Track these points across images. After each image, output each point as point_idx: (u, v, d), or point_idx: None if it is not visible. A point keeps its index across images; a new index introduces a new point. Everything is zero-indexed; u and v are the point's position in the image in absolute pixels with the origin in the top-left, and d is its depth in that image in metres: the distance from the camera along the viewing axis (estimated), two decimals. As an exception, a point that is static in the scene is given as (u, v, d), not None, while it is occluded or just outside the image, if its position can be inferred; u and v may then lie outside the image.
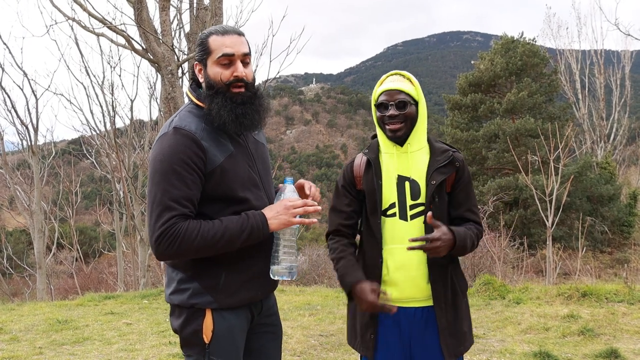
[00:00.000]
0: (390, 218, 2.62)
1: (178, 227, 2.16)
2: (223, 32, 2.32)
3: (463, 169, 2.66)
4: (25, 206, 17.09)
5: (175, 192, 2.17)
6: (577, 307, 6.83)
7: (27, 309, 8.80)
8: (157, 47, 9.50)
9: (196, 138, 2.22)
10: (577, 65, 33.68)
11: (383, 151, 2.70)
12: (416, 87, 2.66)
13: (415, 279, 2.58)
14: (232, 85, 2.29)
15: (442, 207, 2.61)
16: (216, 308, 2.31)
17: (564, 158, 14.35)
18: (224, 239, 2.21)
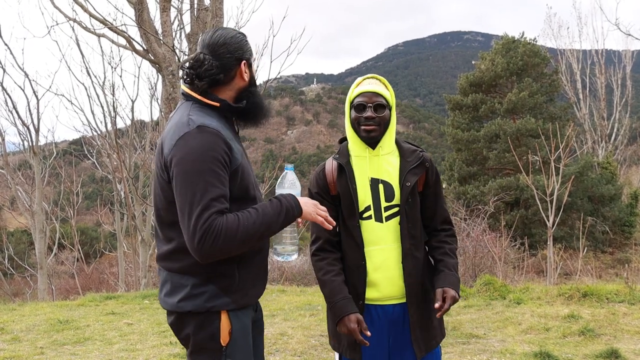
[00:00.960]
0: (367, 220, 2.69)
1: (218, 223, 2.10)
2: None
3: (432, 168, 2.77)
4: (27, 206, 17.10)
5: (215, 191, 2.13)
6: (577, 307, 6.84)
7: (28, 309, 8.81)
8: (158, 47, 9.52)
9: (222, 136, 2.20)
10: (578, 65, 33.68)
11: (353, 155, 2.76)
12: (391, 92, 2.78)
13: (393, 278, 2.68)
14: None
15: (415, 207, 2.72)
16: (233, 309, 2.29)
17: (564, 158, 14.34)
18: (264, 224, 2.21)
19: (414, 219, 2.69)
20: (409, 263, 2.66)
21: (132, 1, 9.54)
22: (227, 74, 2.33)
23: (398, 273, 2.67)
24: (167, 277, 2.34)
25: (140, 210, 17.12)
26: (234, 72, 2.35)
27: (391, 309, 2.69)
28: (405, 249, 2.65)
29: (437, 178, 2.80)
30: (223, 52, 2.32)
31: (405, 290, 2.67)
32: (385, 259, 2.66)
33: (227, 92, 2.37)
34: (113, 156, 17.23)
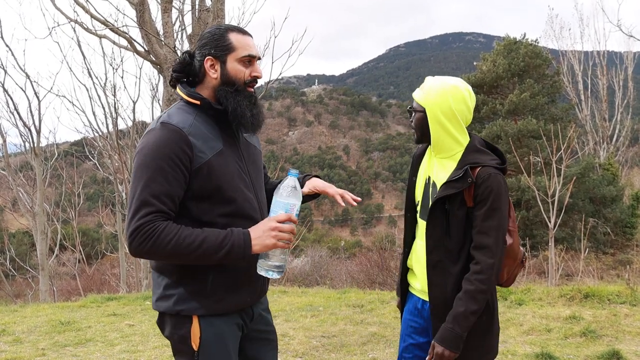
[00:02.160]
0: (417, 214, 2.77)
1: (154, 226, 2.09)
2: (243, 31, 2.36)
3: (482, 185, 2.49)
4: (28, 208, 17.12)
5: (155, 188, 2.11)
6: (579, 308, 6.83)
7: (29, 310, 8.81)
8: (159, 48, 9.52)
9: (183, 133, 2.17)
10: (580, 66, 33.66)
11: (427, 150, 2.81)
12: (423, 92, 2.65)
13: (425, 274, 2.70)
14: (249, 84, 2.34)
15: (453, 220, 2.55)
16: (203, 314, 2.26)
17: (566, 159, 14.35)
18: (199, 250, 2.11)
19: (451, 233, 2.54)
20: (436, 274, 2.60)
21: (134, 2, 9.54)
22: (199, 70, 2.34)
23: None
24: (152, 274, 2.40)
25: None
26: (203, 69, 2.33)
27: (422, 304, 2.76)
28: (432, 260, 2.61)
29: (489, 198, 2.48)
30: (197, 48, 2.34)
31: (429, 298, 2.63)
32: (422, 255, 2.69)
33: (204, 90, 2.35)
34: (114, 157, 17.26)
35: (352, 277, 17.37)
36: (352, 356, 5.71)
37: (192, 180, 2.19)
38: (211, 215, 2.24)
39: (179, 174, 2.15)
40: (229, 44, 2.29)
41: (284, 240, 2.18)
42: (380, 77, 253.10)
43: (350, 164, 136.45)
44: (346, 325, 6.88)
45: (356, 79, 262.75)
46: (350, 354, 5.78)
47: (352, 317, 7.24)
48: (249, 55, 2.32)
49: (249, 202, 2.32)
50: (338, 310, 7.69)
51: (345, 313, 7.53)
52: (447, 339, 2.45)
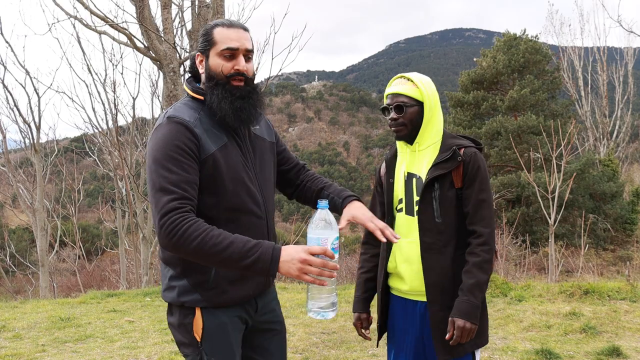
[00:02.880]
0: (399, 213, 2.75)
1: (182, 217, 2.07)
2: (229, 24, 2.31)
3: (471, 163, 2.62)
4: (28, 204, 17.12)
5: (173, 177, 2.12)
6: (579, 304, 6.83)
7: (30, 306, 8.81)
8: (159, 45, 9.52)
9: (189, 125, 2.20)
10: (580, 62, 33.60)
11: (399, 151, 2.84)
12: (419, 88, 2.70)
13: (418, 272, 2.66)
14: (232, 78, 2.27)
15: (443, 202, 2.62)
16: (205, 306, 2.28)
17: (566, 155, 14.32)
18: (224, 253, 2.06)
19: (444, 214, 2.61)
20: (431, 258, 2.61)
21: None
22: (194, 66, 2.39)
23: (421, 268, 2.65)
24: (160, 265, 2.43)
25: (141, 207, 17.13)
26: (196, 65, 2.37)
27: (420, 305, 2.70)
28: (425, 242, 2.62)
29: (478, 174, 2.62)
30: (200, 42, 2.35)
31: (424, 285, 2.64)
32: (411, 252, 2.67)
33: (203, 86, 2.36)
34: (114, 153, 17.24)
35: (352, 273, 17.35)
36: (351, 352, 5.71)
37: (200, 173, 2.21)
38: (216, 209, 2.25)
39: (192, 162, 2.17)
40: (211, 39, 2.28)
41: (312, 274, 2.01)
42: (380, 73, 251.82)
43: (350, 160, 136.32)
44: (346, 322, 6.88)
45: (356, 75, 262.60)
46: (350, 350, 5.79)
47: (351, 314, 7.25)
48: (227, 48, 2.26)
49: (251, 197, 2.32)
50: (338, 307, 7.69)
51: (345, 309, 7.53)
52: (466, 310, 2.49)
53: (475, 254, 2.56)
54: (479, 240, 2.57)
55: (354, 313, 2.94)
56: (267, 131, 2.57)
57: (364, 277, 2.95)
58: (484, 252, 2.56)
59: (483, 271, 2.54)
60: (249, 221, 2.28)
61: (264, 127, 2.55)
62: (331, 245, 2.04)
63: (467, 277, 2.54)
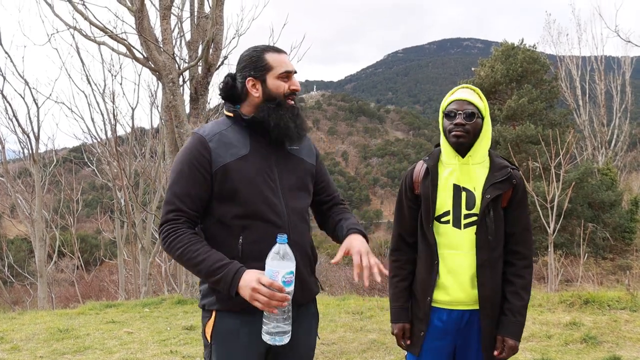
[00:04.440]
0: (444, 225, 2.75)
1: (173, 228, 2.36)
2: (278, 50, 2.55)
3: (519, 187, 2.75)
4: (27, 214, 17.09)
5: (176, 189, 2.39)
6: (579, 314, 6.82)
7: (28, 317, 8.78)
8: (158, 55, 9.52)
9: (203, 139, 2.42)
10: (578, 71, 33.67)
11: (444, 161, 2.82)
12: (484, 103, 2.80)
13: (464, 283, 2.71)
14: (288, 97, 2.50)
15: (496, 221, 2.71)
16: (220, 309, 2.42)
17: (565, 164, 14.32)
18: (196, 269, 2.32)
19: (496, 232, 2.69)
20: (485, 273, 2.68)
21: (132, 9, 9.54)
22: (241, 90, 2.54)
23: (470, 280, 2.70)
24: None
25: (140, 217, 17.10)
26: (245, 89, 2.52)
27: (460, 315, 2.74)
28: (481, 259, 2.68)
29: (523, 198, 2.78)
30: (238, 70, 2.55)
31: (478, 300, 2.70)
32: (459, 265, 2.71)
33: (246, 107, 2.54)
34: (113, 164, 17.20)
35: (352, 283, 17.33)
36: (352, 363, 5.69)
37: (213, 183, 2.40)
38: (228, 216, 2.41)
39: (197, 175, 2.39)
40: (267, 64, 2.49)
41: (260, 303, 2.17)
42: (378, 82, 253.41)
43: (348, 169, 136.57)
44: (346, 333, 6.86)
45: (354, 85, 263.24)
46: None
47: (351, 324, 7.22)
48: (286, 71, 2.49)
49: (270, 207, 2.43)
50: (337, 317, 7.67)
51: (345, 320, 7.51)
52: (516, 331, 2.66)
53: (522, 276, 2.72)
54: (524, 262, 2.74)
55: (396, 324, 2.85)
56: (308, 152, 2.70)
57: (401, 285, 2.88)
58: (529, 274, 2.74)
59: (528, 293, 2.73)
60: (266, 229, 2.39)
61: (306, 148, 2.68)
62: (282, 278, 2.17)
63: (516, 298, 2.69)
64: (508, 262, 2.76)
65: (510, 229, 2.75)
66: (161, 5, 9.79)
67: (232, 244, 2.38)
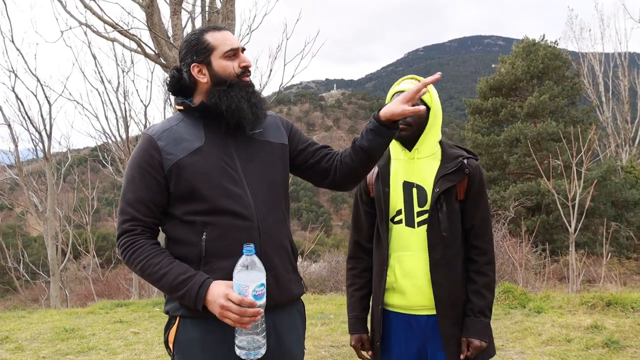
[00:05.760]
0: (397, 225, 2.62)
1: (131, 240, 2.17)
2: (216, 28, 2.34)
3: (475, 176, 2.59)
4: (40, 212, 17.07)
5: (129, 197, 2.21)
6: (601, 317, 6.51)
7: (37, 316, 8.69)
8: (169, 51, 9.38)
9: (152, 139, 2.23)
10: (601, 67, 33.06)
11: (392, 158, 2.70)
12: (430, 92, 2.61)
13: (422, 287, 2.56)
14: (243, 74, 2.29)
15: (450, 215, 2.55)
16: (184, 315, 2.19)
17: (587, 162, 13.99)
18: (158, 284, 2.14)
19: (450, 227, 2.54)
20: (439, 273, 2.53)
21: (143, 4, 9.41)
22: (189, 80, 2.32)
23: (427, 282, 2.55)
24: None
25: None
26: (192, 77, 2.31)
27: (424, 320, 2.58)
28: (434, 257, 2.53)
29: (481, 188, 2.61)
30: (180, 59, 2.36)
31: (434, 302, 2.55)
32: (414, 266, 2.57)
33: (197, 97, 2.34)
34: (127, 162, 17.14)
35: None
36: (361, 367, 5.47)
37: (169, 183, 2.21)
38: (190, 214, 2.19)
39: (149, 179, 2.20)
40: (208, 45, 2.28)
41: (231, 320, 1.98)
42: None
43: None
44: (356, 334, 6.64)
45: (375, 84, 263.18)
46: (359, 364, 5.55)
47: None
48: (231, 49, 2.28)
49: (233, 199, 2.18)
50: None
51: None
52: (480, 330, 2.51)
53: (484, 273, 2.57)
54: (485, 258, 2.59)
55: (354, 335, 2.73)
56: (275, 132, 2.43)
57: (357, 295, 2.76)
58: (491, 271, 2.59)
59: (491, 291, 2.57)
60: (230, 223, 2.16)
61: (271, 128, 2.43)
62: (252, 292, 1.97)
63: (478, 298, 2.55)
64: (469, 259, 2.60)
65: (467, 223, 2.59)
66: (172, 0, 9.64)
67: (194, 242, 2.16)
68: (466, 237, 2.61)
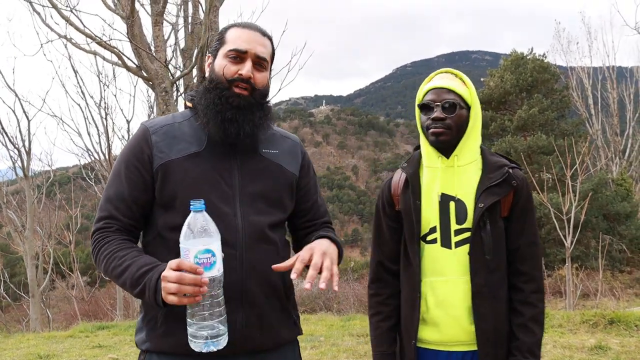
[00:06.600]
0: (431, 245, 2.21)
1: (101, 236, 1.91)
2: (244, 25, 2.04)
3: (522, 189, 2.20)
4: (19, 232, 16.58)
5: (110, 191, 1.96)
6: (604, 335, 6.20)
7: (12, 341, 8.29)
8: (150, 63, 9.06)
9: (147, 132, 1.96)
10: (589, 80, 33.08)
11: (425, 165, 2.29)
12: (470, 88, 2.26)
13: (459, 318, 2.17)
14: (234, 83, 1.94)
15: (497, 235, 2.15)
16: (149, 349, 1.88)
17: (581, 174, 13.77)
18: (119, 280, 1.83)
19: (495, 249, 2.14)
20: (483, 303, 2.14)
21: (123, 15, 9.11)
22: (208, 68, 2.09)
23: (466, 313, 2.16)
24: None
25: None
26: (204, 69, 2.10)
27: (459, 357, 2.19)
28: (477, 284, 2.14)
29: (528, 204, 2.22)
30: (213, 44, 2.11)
31: (476, 337, 2.15)
32: (450, 294, 2.17)
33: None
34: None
35: (360, 300, 16.73)
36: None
37: (155, 183, 1.94)
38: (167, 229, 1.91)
39: (135, 175, 1.93)
40: (223, 38, 2.02)
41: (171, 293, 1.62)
42: (387, 96, 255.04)
43: (359, 184, 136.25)
44: (348, 358, 6.29)
45: (364, 99, 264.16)
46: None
47: (355, 349, 6.64)
48: (234, 49, 1.95)
49: (218, 218, 1.79)
50: (340, 341, 7.09)
51: (348, 344, 6.93)
52: None
53: (532, 304, 2.16)
54: (533, 286, 2.18)
55: None
56: (290, 159, 2.13)
57: (384, 326, 2.32)
58: (540, 301, 2.19)
59: (541, 326, 2.17)
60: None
61: (286, 153, 2.12)
62: (194, 260, 1.63)
63: (526, 334, 2.13)
64: (513, 287, 2.19)
65: (512, 245, 2.19)
66: (153, 11, 9.37)
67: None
68: (509, 260, 2.21)
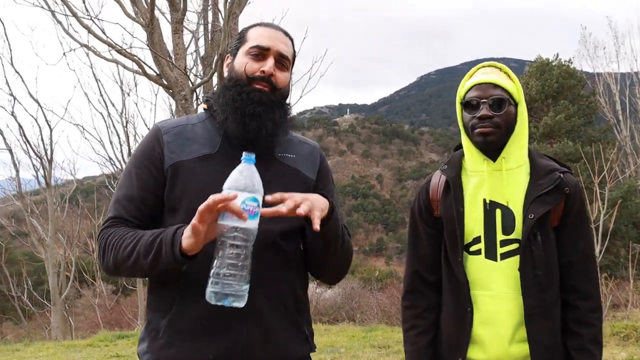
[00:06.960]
0: (474, 256, 2.04)
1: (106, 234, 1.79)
2: (267, 24, 1.98)
3: (575, 196, 2.00)
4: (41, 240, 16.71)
5: (120, 192, 1.89)
6: (636, 349, 5.97)
7: (31, 350, 8.27)
8: (170, 71, 9.04)
9: (159, 131, 1.90)
10: (617, 86, 32.54)
11: (468, 168, 2.10)
12: (516, 83, 2.06)
13: (504, 337, 1.98)
14: (255, 80, 1.85)
15: (548, 247, 1.95)
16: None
17: (610, 182, 13.46)
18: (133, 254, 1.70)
19: (547, 264, 1.95)
20: (539, 324, 1.95)
21: (143, 23, 9.11)
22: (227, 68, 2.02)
23: (513, 333, 1.97)
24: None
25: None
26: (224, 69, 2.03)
27: None
28: (529, 304, 1.95)
29: (582, 213, 2.04)
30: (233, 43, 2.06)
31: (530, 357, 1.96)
32: (496, 310, 1.99)
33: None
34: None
35: (383, 310, 16.52)
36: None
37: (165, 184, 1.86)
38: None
39: (145, 173, 1.86)
40: (243, 37, 1.94)
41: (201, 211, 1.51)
42: (412, 105, 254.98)
43: (383, 192, 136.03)
44: (367, 370, 6.14)
45: (388, 108, 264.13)
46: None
47: None
48: (256, 46, 1.88)
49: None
50: (361, 353, 6.93)
51: (369, 356, 6.77)
52: None
53: (589, 324, 1.97)
54: (589, 304, 1.98)
55: None
56: (307, 164, 2.01)
57: (422, 341, 2.14)
58: (597, 320, 1.98)
59: (600, 347, 1.97)
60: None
61: (306, 160, 2.01)
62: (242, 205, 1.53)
63: (585, 358, 1.94)
64: (567, 305, 1.98)
65: (564, 258, 1.98)
66: (173, 19, 9.35)
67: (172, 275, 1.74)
68: (562, 275, 2.02)
